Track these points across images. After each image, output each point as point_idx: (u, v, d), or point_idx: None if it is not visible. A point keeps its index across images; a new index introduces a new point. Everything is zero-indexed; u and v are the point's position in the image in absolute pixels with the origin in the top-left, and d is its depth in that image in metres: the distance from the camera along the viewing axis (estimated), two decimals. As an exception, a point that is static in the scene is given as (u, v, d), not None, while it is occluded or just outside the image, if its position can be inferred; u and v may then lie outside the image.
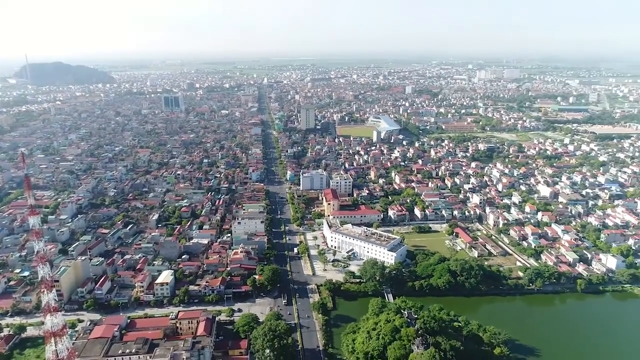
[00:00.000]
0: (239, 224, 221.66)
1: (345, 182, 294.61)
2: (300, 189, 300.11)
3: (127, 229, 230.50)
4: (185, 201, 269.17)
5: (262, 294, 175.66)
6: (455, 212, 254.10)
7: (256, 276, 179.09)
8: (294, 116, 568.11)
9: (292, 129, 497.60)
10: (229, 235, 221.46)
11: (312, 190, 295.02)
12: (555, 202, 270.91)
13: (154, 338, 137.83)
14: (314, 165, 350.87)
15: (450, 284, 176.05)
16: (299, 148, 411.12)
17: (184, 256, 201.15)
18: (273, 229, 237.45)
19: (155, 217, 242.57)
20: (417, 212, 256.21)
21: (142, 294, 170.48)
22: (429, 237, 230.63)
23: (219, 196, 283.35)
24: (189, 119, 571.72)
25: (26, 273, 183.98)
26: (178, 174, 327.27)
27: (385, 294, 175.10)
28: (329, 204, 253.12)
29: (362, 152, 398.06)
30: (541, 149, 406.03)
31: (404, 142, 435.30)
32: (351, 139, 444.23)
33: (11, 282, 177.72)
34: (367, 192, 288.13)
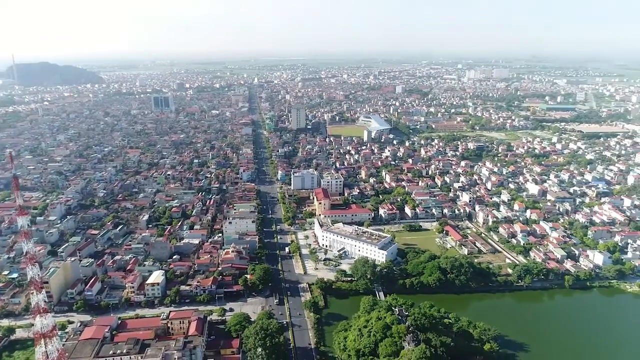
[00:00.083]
0: (230, 223, 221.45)
1: (336, 182, 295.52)
2: (292, 188, 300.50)
3: (117, 229, 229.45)
4: (175, 201, 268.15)
5: (253, 293, 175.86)
6: (445, 211, 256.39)
7: (248, 276, 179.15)
8: (284, 116, 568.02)
9: (282, 129, 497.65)
10: (220, 235, 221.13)
11: (303, 190, 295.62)
12: (544, 199, 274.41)
13: (145, 338, 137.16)
14: (305, 165, 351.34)
15: (441, 282, 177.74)
16: (290, 148, 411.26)
17: (174, 256, 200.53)
18: (264, 229, 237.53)
19: (146, 218, 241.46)
20: (407, 210, 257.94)
21: (132, 294, 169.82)
22: (419, 236, 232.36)
23: (210, 196, 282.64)
24: (179, 119, 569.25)
25: (15, 275, 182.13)
26: (168, 175, 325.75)
27: (377, 292, 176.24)
28: (320, 203, 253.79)
29: (352, 152, 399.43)
30: (530, 147, 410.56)
31: (395, 142, 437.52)
32: (342, 138, 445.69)
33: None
34: (358, 191, 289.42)
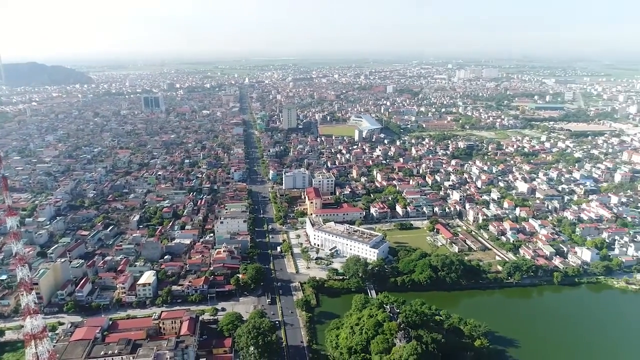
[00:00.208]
0: (221, 223, 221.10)
1: (328, 181, 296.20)
2: (283, 188, 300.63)
3: (108, 230, 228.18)
4: (166, 202, 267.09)
5: (245, 292, 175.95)
6: (436, 209, 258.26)
7: (240, 275, 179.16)
8: (275, 116, 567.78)
9: (274, 129, 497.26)
10: (211, 235, 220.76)
11: (295, 189, 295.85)
12: (533, 197, 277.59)
13: (136, 339, 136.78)
14: (296, 165, 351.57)
15: (432, 279, 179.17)
16: (281, 147, 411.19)
17: (166, 257, 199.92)
18: (256, 228, 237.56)
19: (136, 218, 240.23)
20: (398, 209, 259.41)
21: (124, 295, 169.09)
22: (410, 234, 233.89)
23: (201, 196, 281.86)
24: (170, 119, 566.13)
25: (4, 277, 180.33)
26: (159, 175, 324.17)
27: (368, 290, 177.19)
28: (312, 203, 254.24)
29: (344, 151, 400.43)
30: (519, 146, 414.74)
31: (386, 141, 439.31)
32: (333, 138, 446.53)
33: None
34: (350, 190, 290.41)
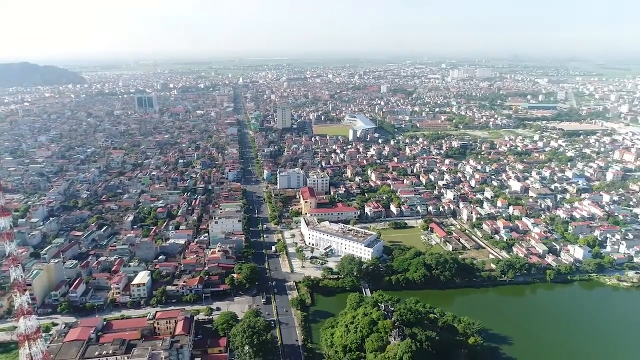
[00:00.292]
0: (216, 223, 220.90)
1: (322, 181, 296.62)
2: (278, 187, 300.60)
3: (102, 230, 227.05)
4: (160, 202, 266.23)
5: (240, 292, 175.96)
6: (430, 208, 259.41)
7: (234, 275, 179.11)
8: (270, 116, 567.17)
9: (268, 129, 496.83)
10: (206, 235, 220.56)
11: (289, 189, 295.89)
12: (526, 196, 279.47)
13: (131, 339, 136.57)
14: (291, 164, 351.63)
15: (426, 278, 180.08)
16: (276, 147, 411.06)
17: (160, 257, 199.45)
18: (251, 228, 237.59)
19: (130, 219, 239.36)
20: (393, 208, 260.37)
21: (118, 295, 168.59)
22: (404, 233, 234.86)
23: (195, 196, 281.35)
24: (164, 119, 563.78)
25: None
26: (153, 175, 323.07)
27: (363, 289, 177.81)
28: (306, 202, 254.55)
29: (338, 151, 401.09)
30: (512, 145, 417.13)
31: (380, 141, 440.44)
32: (327, 137, 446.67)
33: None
34: (344, 189, 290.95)
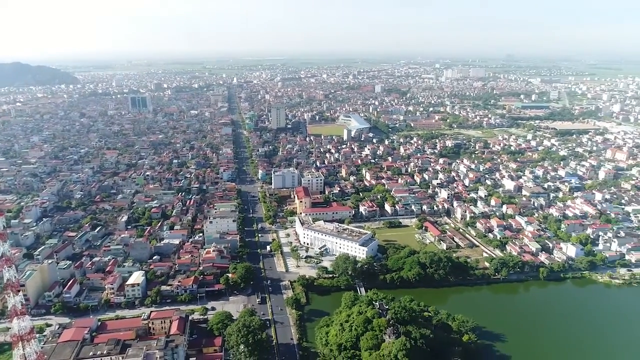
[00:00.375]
0: (210, 223, 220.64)
1: (317, 180, 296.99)
2: (272, 187, 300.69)
3: (96, 231, 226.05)
4: (155, 202, 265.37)
5: (235, 292, 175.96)
6: (424, 207, 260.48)
7: (229, 274, 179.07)
8: (264, 116, 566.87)
9: (262, 129, 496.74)
10: (200, 235, 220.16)
11: (284, 189, 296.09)
12: (519, 195, 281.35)
13: (126, 339, 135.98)
14: (286, 164, 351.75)
15: (420, 276, 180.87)
16: (270, 147, 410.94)
17: (155, 257, 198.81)
18: (245, 228, 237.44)
19: (125, 219, 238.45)
20: (387, 207, 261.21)
21: (112, 295, 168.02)
22: (399, 232, 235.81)
23: (190, 196, 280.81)
24: (157, 119, 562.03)
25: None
26: (147, 175, 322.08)
27: (358, 288, 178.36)
28: (301, 202, 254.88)
29: (333, 151, 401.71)
30: (505, 144, 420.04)
31: (374, 140, 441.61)
32: (322, 137, 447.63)
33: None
34: (339, 189, 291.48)
